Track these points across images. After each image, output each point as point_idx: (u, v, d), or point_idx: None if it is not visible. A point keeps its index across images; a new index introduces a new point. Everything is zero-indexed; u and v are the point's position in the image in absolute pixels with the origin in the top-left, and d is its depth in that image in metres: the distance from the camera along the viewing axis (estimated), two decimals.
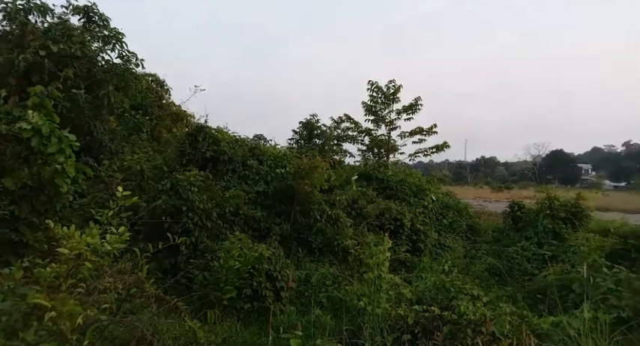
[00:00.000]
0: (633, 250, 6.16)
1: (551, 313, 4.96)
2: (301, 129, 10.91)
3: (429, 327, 4.26)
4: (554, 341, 4.11)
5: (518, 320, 4.41)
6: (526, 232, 9.71)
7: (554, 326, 4.36)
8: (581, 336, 4.03)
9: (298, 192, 7.03)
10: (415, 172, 11.55)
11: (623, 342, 4.07)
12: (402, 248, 8.29)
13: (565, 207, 9.87)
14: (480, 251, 8.89)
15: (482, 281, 7.33)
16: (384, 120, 12.06)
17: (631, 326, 4.28)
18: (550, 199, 9.90)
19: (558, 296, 5.44)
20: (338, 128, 12.32)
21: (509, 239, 9.63)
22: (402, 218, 8.66)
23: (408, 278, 6.48)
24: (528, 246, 8.90)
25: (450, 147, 12.16)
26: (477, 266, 8.07)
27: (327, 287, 5.92)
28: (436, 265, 6.75)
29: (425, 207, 10.03)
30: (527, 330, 4.15)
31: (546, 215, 9.72)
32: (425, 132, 11.97)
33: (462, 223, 10.56)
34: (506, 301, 5.57)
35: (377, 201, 9.00)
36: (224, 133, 7.71)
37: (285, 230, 6.82)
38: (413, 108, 11.80)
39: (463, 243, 9.71)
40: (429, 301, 4.99)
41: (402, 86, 11.71)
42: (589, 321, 4.24)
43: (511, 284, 7.07)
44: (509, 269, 7.84)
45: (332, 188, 8.34)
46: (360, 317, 4.53)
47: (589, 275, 5.18)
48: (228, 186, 6.85)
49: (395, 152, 12.53)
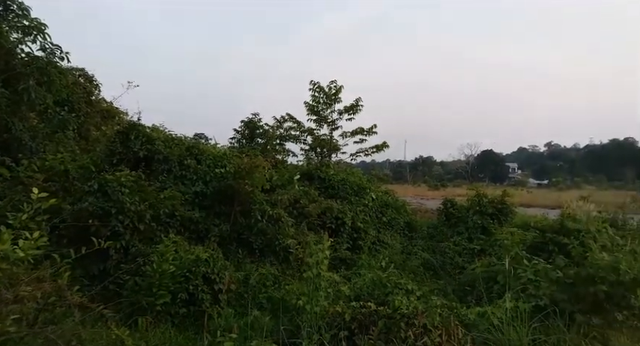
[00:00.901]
0: (551, 243, 6.70)
1: (478, 304, 5.29)
2: (243, 129, 10.74)
3: (366, 323, 4.36)
4: (480, 330, 4.38)
5: (447, 311, 4.65)
6: (458, 228, 10.24)
7: (480, 316, 4.65)
8: (504, 324, 4.33)
9: (238, 192, 6.92)
10: (356, 171, 11.79)
11: (541, 328, 4.41)
12: (343, 246, 8.44)
13: (492, 204, 10.55)
14: (416, 247, 9.27)
15: (417, 276, 7.65)
16: (326, 120, 12.21)
17: (547, 313, 4.66)
18: (479, 196, 10.53)
19: (485, 288, 5.80)
20: (280, 127, 12.30)
21: (442, 235, 10.12)
22: (343, 216, 8.81)
23: (348, 275, 6.61)
24: (460, 240, 9.40)
25: (389, 147, 12.57)
26: (412, 262, 8.41)
27: (267, 287, 5.89)
28: (374, 262, 6.95)
29: (365, 206, 10.27)
30: (456, 321, 4.38)
31: (476, 211, 10.33)
32: (365, 133, 12.27)
33: (400, 220, 10.94)
34: (438, 294, 5.87)
35: (319, 200, 9.08)
36: (159, 131, 7.40)
37: (225, 231, 6.69)
38: (354, 108, 12.05)
39: (401, 239, 10.06)
40: (367, 297, 5.11)
41: (342, 87, 11.93)
42: (510, 310, 4.56)
43: (444, 278, 7.44)
44: (442, 263, 8.24)
45: (274, 188, 8.29)
46: (299, 316, 4.54)
47: (511, 267, 5.57)
48: (163, 186, 6.58)
49: (337, 152, 12.72)
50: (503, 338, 4.15)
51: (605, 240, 6.34)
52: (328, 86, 11.94)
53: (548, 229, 6.91)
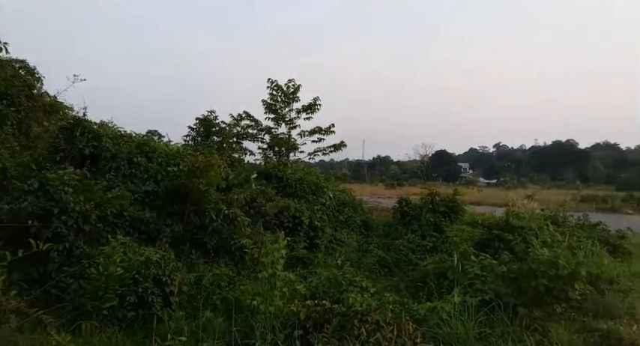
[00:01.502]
0: (496, 239, 7.05)
1: (429, 299, 5.46)
2: (198, 126, 10.47)
3: (320, 321, 4.38)
4: (430, 325, 4.53)
5: (400, 307, 4.78)
6: (412, 226, 10.51)
7: (430, 311, 4.80)
8: (452, 319, 4.50)
9: (192, 191, 6.75)
10: (314, 170, 11.83)
11: (486, 322, 4.62)
12: (300, 245, 8.44)
13: (444, 202, 10.92)
14: (372, 244, 9.42)
15: (372, 273, 7.78)
16: (284, 118, 12.16)
17: (493, 307, 4.89)
18: (432, 195, 10.87)
19: (435, 284, 6.01)
20: (238, 125, 12.11)
21: (397, 232, 10.34)
22: (301, 215, 8.81)
23: (304, 274, 6.61)
24: (413, 238, 9.65)
25: (346, 146, 12.70)
26: (368, 260, 8.53)
27: (221, 288, 5.78)
28: (331, 260, 6.99)
29: (323, 205, 10.32)
30: (407, 317, 4.51)
31: (429, 209, 10.66)
32: (323, 132, 12.33)
33: (357, 219, 11.09)
34: (391, 290, 5.99)
35: (276, 199, 9.03)
36: (107, 128, 7.07)
37: (178, 231, 6.50)
38: (312, 107, 12.08)
39: (357, 237, 10.19)
40: (322, 295, 5.15)
41: (301, 86, 11.92)
42: (459, 305, 4.75)
43: (397, 275, 7.61)
44: (396, 260, 8.43)
45: (230, 187, 8.16)
46: (253, 316, 4.50)
47: (460, 263, 5.79)
48: (111, 185, 6.29)
49: (295, 151, 12.70)
50: (452, 332, 4.31)
51: (545, 237, 6.75)
52: (286, 85, 11.89)
53: (494, 226, 7.25)
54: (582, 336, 4.56)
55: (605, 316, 5.18)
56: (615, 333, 4.54)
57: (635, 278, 6.96)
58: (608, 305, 5.45)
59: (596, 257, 7.22)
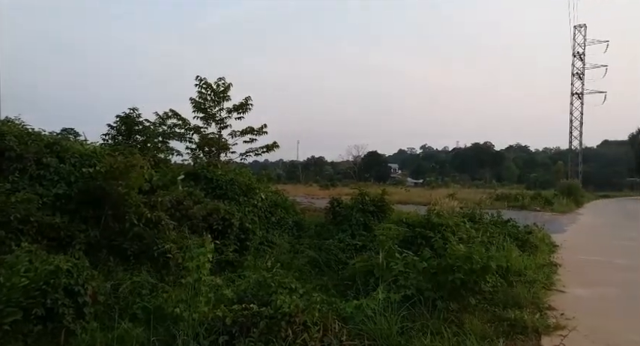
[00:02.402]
0: (419, 236, 7.40)
1: (356, 297, 5.60)
2: (119, 124, 9.82)
3: (248, 325, 4.31)
4: (356, 322, 4.65)
5: (327, 307, 4.85)
6: (343, 225, 10.73)
7: (356, 308, 4.93)
8: (377, 315, 4.65)
9: (110, 194, 6.32)
10: (246, 171, 11.64)
11: (408, 316, 4.84)
12: (230, 248, 8.23)
13: (373, 202, 11.28)
14: (303, 245, 9.47)
15: (303, 274, 7.82)
16: (214, 118, 11.82)
17: (414, 301, 5.13)
18: (362, 195, 11.18)
19: (363, 281, 6.18)
20: (164, 124, 11.56)
21: (328, 232, 10.50)
22: (231, 217, 8.60)
23: (233, 277, 6.48)
24: (344, 237, 9.84)
25: (279, 147, 12.66)
26: (299, 260, 8.57)
27: (142, 296, 5.47)
28: (261, 262, 6.93)
29: (254, 206, 10.19)
30: (334, 316, 4.59)
31: (359, 209, 10.95)
32: (256, 132, 12.17)
33: (289, 220, 11.09)
34: (320, 290, 6.06)
35: (205, 201, 8.74)
36: (11, 125, 6.40)
37: (93, 237, 6.05)
38: (243, 107, 11.87)
39: (289, 238, 10.20)
40: (251, 299, 5.06)
41: (231, 84, 11.66)
42: (383, 301, 4.93)
43: (327, 274, 7.72)
44: (327, 260, 8.53)
45: (154, 189, 7.76)
46: (176, 325, 4.32)
47: (384, 260, 6.01)
48: (15, 188, 5.70)
49: (226, 151, 12.39)
50: (376, 328, 4.46)
51: (462, 233, 7.23)
52: (216, 83, 11.57)
53: (417, 224, 7.62)
54: (493, 326, 4.93)
55: (514, 306, 5.65)
56: (521, 321, 4.98)
57: (539, 270, 7.70)
58: (516, 295, 5.95)
59: (506, 251, 7.86)
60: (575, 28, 56.65)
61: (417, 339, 4.30)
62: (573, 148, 58.24)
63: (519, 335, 4.74)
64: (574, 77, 56.43)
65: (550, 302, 6.11)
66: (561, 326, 5.03)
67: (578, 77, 56.18)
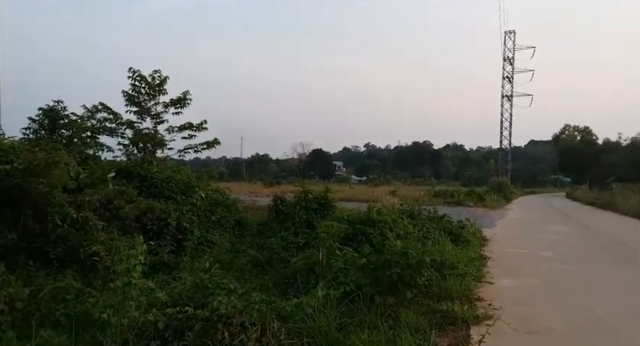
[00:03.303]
0: (360, 233, 7.53)
1: (297, 296, 5.58)
2: (41, 118, 9.02)
3: (182, 328, 4.15)
4: (296, 321, 4.62)
5: (266, 306, 4.78)
6: (286, 223, 10.68)
7: (296, 307, 4.89)
8: (316, 312, 4.65)
9: (30, 192, 5.80)
10: (184, 169, 11.19)
11: (347, 312, 4.89)
12: (166, 249, 7.89)
13: (317, 199, 11.34)
14: (245, 244, 9.30)
15: (244, 274, 7.68)
16: (150, 112, 11.24)
17: (353, 297, 5.20)
18: (305, 193, 11.19)
19: (304, 279, 6.17)
20: (92, 118, 10.79)
21: (271, 231, 10.40)
22: (167, 217, 8.23)
23: (168, 280, 6.21)
24: (287, 235, 9.79)
25: (220, 144, 12.28)
26: (241, 260, 8.40)
27: (67, 302, 5.08)
28: (199, 263, 6.69)
29: (193, 205, 9.83)
30: (273, 315, 4.53)
31: (302, 207, 10.95)
32: (195, 128, 11.74)
33: (231, 219, 10.84)
34: (261, 290, 5.97)
35: (138, 200, 8.29)
36: None
37: (11, 240, 5.52)
38: (182, 102, 11.38)
39: (230, 238, 9.96)
40: (186, 301, 4.88)
41: (168, 78, 11.13)
42: (322, 298, 4.94)
43: (269, 273, 7.63)
44: (269, 259, 8.44)
45: (81, 187, 7.24)
46: (103, 331, 4.06)
47: (324, 258, 6.04)
48: None
49: (163, 147, 11.84)
50: (315, 325, 4.46)
51: (399, 230, 7.45)
52: (151, 76, 10.99)
53: (357, 221, 7.74)
54: (427, 318, 5.11)
55: (447, 298, 5.89)
56: (452, 313, 5.21)
57: (470, 263, 8.11)
58: (449, 288, 6.21)
59: (440, 246, 8.21)
60: (505, 33, 60.59)
61: (355, 334, 4.35)
62: (503, 147, 62.40)
63: (451, 326, 4.95)
64: (504, 80, 60.42)
65: (479, 293, 6.45)
66: (489, 316, 5.33)
67: (508, 80, 60.27)
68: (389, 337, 4.33)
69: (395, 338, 4.29)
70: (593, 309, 5.86)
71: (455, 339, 4.58)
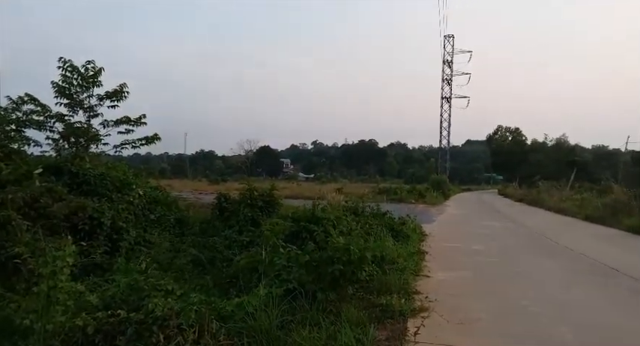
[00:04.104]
0: (304, 231, 7.56)
1: (238, 295, 5.50)
2: None
3: (114, 333, 3.96)
4: (236, 320, 4.56)
5: (205, 307, 4.67)
6: (230, 221, 10.49)
7: (237, 306, 4.83)
8: (257, 311, 4.62)
9: None
10: (120, 165, 10.61)
11: (289, 310, 4.89)
12: (100, 249, 7.48)
13: (262, 197, 11.24)
14: (186, 244, 9.03)
15: (185, 274, 7.45)
16: (82, 105, 10.52)
17: (295, 295, 5.22)
18: (250, 190, 11.05)
19: (247, 278, 6.10)
20: (18, 110, 9.92)
21: (214, 229, 10.18)
22: (101, 216, 7.80)
23: (100, 282, 5.89)
24: (231, 234, 9.61)
25: (160, 139, 11.73)
26: (181, 260, 8.14)
27: None
28: (134, 264, 6.40)
29: (130, 203, 9.36)
30: (213, 315, 4.44)
31: (247, 204, 10.81)
32: (133, 123, 11.15)
33: (171, 217, 10.47)
34: (201, 290, 5.83)
35: (68, 198, 7.77)
36: None
37: None
38: (118, 95, 10.76)
39: (170, 237, 9.63)
40: (120, 304, 4.65)
41: (103, 69, 10.47)
42: (264, 297, 4.92)
43: (211, 273, 7.46)
44: (211, 258, 8.25)
45: (4, 184, 6.69)
46: (25, 338, 3.78)
47: (267, 256, 6.01)
48: None
49: (97, 142, 11.13)
50: (256, 324, 4.43)
51: (343, 226, 7.57)
52: (84, 66, 10.29)
53: (302, 218, 7.77)
54: (368, 312, 5.24)
55: (387, 292, 6.07)
56: (390, 306, 5.39)
57: (410, 258, 8.42)
58: (389, 282, 6.40)
59: (382, 241, 8.45)
60: (445, 37, 63.37)
61: (296, 332, 4.37)
62: (443, 146, 65.33)
63: (389, 319, 5.11)
64: (444, 82, 63.20)
65: (417, 286, 6.72)
66: (425, 308, 5.57)
67: (447, 83, 63.09)
68: (330, 333, 4.40)
69: (335, 333, 4.36)
70: (518, 299, 6.31)
71: (392, 332, 4.73)
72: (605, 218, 18.55)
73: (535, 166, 54.10)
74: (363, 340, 4.28)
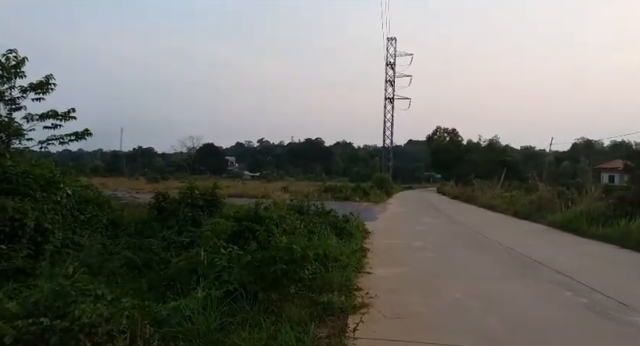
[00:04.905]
0: (247, 230, 7.44)
1: (176, 298, 5.29)
2: None
3: (35, 342, 3.67)
4: (172, 325, 4.37)
5: (139, 312, 4.44)
6: (169, 222, 10.09)
7: (173, 310, 4.64)
8: (195, 314, 4.47)
9: None
10: (46, 162, 9.81)
11: (229, 311, 4.78)
12: (22, 253, 6.89)
13: (204, 196, 10.92)
14: (120, 245, 8.55)
15: (118, 278, 7.07)
16: (3, 97, 9.60)
17: (236, 296, 5.11)
18: (191, 189, 10.70)
19: (185, 281, 5.88)
20: None
21: (152, 230, 9.73)
22: (23, 217, 7.18)
23: (21, 288, 5.42)
24: (169, 235, 9.25)
25: (91, 134, 10.96)
26: (114, 263, 7.70)
27: None
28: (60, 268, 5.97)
29: (57, 203, 8.70)
30: (147, 320, 4.23)
31: (187, 204, 10.45)
32: (60, 117, 10.35)
33: (103, 218, 9.87)
34: (135, 294, 5.54)
35: None
36: None
37: None
38: (43, 87, 9.94)
39: (102, 239, 9.08)
40: (43, 311, 4.30)
41: (27, 59, 9.63)
42: (203, 299, 4.77)
43: (147, 276, 7.13)
44: (148, 260, 7.88)
45: None
46: None
47: (206, 257, 5.85)
48: None
49: (20, 137, 10.23)
50: (193, 328, 4.28)
51: (286, 225, 7.54)
52: (5, 55, 9.40)
53: (245, 218, 7.64)
54: (309, 310, 5.25)
55: (329, 290, 6.12)
56: (331, 304, 5.44)
57: (352, 255, 8.56)
58: (331, 280, 6.46)
59: (325, 239, 8.52)
60: (388, 40, 65.24)
61: (236, 333, 4.29)
62: (386, 146, 67.27)
63: (330, 316, 5.15)
64: (387, 83, 65.09)
65: (359, 283, 6.84)
66: (365, 305, 5.68)
67: (390, 84, 65.02)
68: (270, 333, 4.35)
69: (276, 333, 4.32)
70: (453, 293, 6.62)
71: (333, 329, 4.78)
72: (532, 214, 20.00)
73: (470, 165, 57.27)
74: (304, 338, 4.28)
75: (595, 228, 13.65)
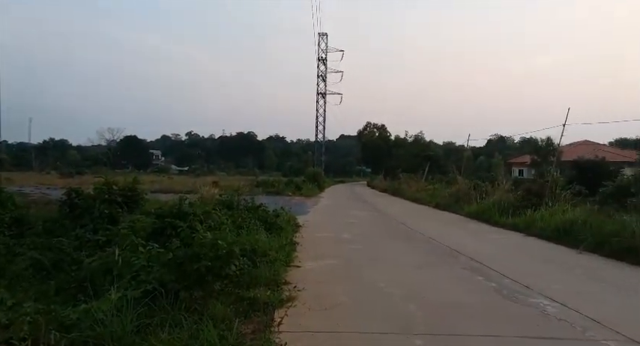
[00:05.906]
0: (169, 227, 7.11)
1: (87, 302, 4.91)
2: None
3: None
4: (82, 329, 4.06)
5: (43, 317, 4.06)
6: (83, 220, 9.35)
7: (84, 313, 4.31)
8: (109, 317, 4.18)
9: None
10: None
11: (148, 312, 4.53)
12: None
13: (123, 192, 10.26)
14: (25, 246, 7.78)
15: (23, 281, 6.43)
16: None
17: (155, 295, 4.85)
18: (108, 184, 10.00)
19: (99, 282, 5.48)
20: None
21: (63, 229, 8.97)
22: None
23: None
24: (83, 233, 8.57)
25: None
26: (19, 265, 7.00)
27: None
28: None
29: None
30: (53, 325, 3.89)
31: (104, 200, 9.76)
32: None
33: (6, 216, 8.93)
34: (40, 298, 5.07)
35: None
36: None
37: None
38: None
39: (5, 239, 8.21)
40: None
41: None
42: (118, 301, 4.47)
43: (57, 278, 6.56)
44: (58, 261, 7.25)
45: None
46: None
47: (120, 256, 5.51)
48: None
49: None
50: (106, 331, 4.00)
51: (211, 221, 7.33)
52: None
53: (167, 214, 7.30)
54: (235, 307, 5.15)
55: (257, 285, 6.04)
56: (258, 299, 5.38)
57: (282, 249, 8.54)
58: (259, 275, 6.39)
59: (254, 234, 8.42)
60: (319, 35, 65.89)
61: (154, 335, 4.08)
62: (319, 140, 68.10)
63: (257, 312, 5.09)
64: (319, 79, 65.79)
65: (287, 277, 6.84)
66: (292, 298, 5.70)
67: (322, 79, 65.80)
68: (192, 332, 4.20)
69: (198, 332, 4.18)
70: (376, 282, 6.86)
71: (259, 324, 4.73)
72: (451, 205, 21.41)
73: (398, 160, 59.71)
74: (227, 336, 4.19)
75: (505, 218, 14.96)
